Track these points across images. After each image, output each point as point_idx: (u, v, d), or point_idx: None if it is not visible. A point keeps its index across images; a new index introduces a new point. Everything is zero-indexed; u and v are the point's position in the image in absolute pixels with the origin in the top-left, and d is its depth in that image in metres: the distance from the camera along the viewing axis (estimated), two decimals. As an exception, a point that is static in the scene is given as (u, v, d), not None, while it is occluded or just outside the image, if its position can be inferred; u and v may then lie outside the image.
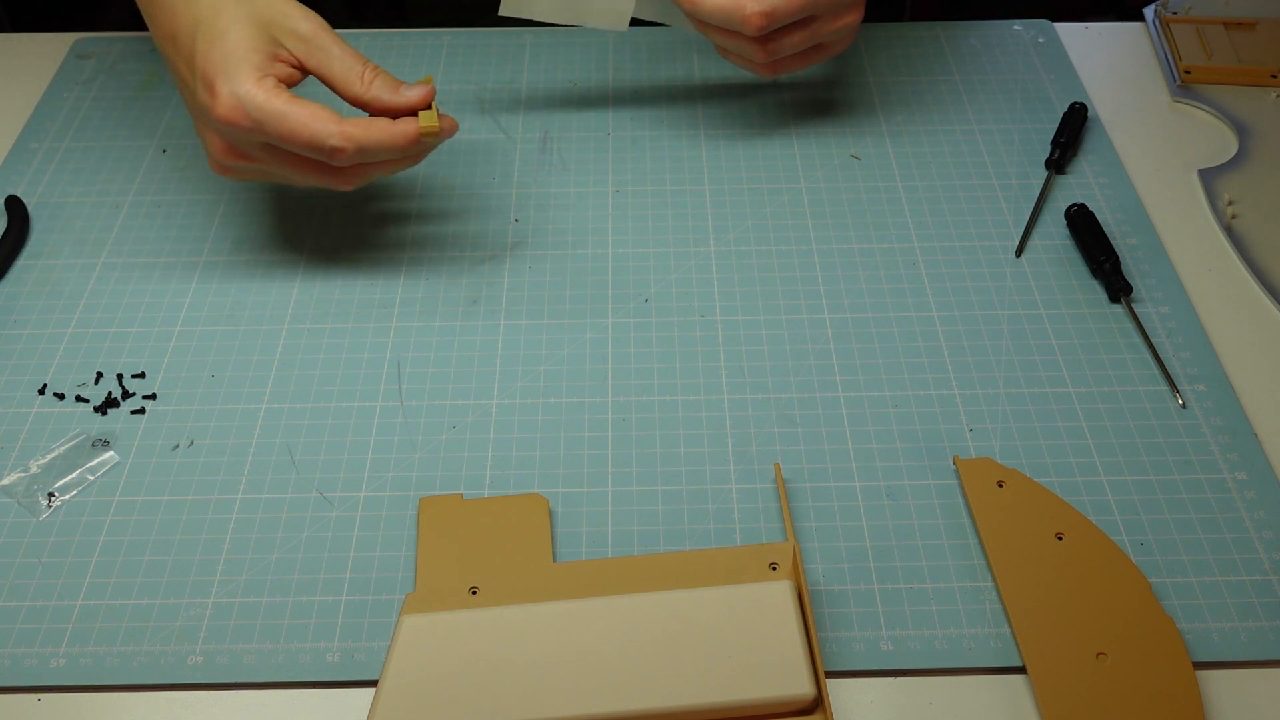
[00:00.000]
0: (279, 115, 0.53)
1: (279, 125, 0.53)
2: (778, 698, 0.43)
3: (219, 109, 0.53)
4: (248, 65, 0.53)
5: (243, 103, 0.53)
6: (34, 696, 0.47)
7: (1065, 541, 0.50)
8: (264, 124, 0.53)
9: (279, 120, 0.53)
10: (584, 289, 0.63)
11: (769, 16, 0.61)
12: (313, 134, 0.53)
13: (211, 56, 0.54)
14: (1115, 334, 0.60)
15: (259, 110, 0.53)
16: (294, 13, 0.56)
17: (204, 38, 0.54)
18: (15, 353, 0.60)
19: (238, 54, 0.54)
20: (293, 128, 0.53)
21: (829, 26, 0.64)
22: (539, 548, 0.50)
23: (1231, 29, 0.77)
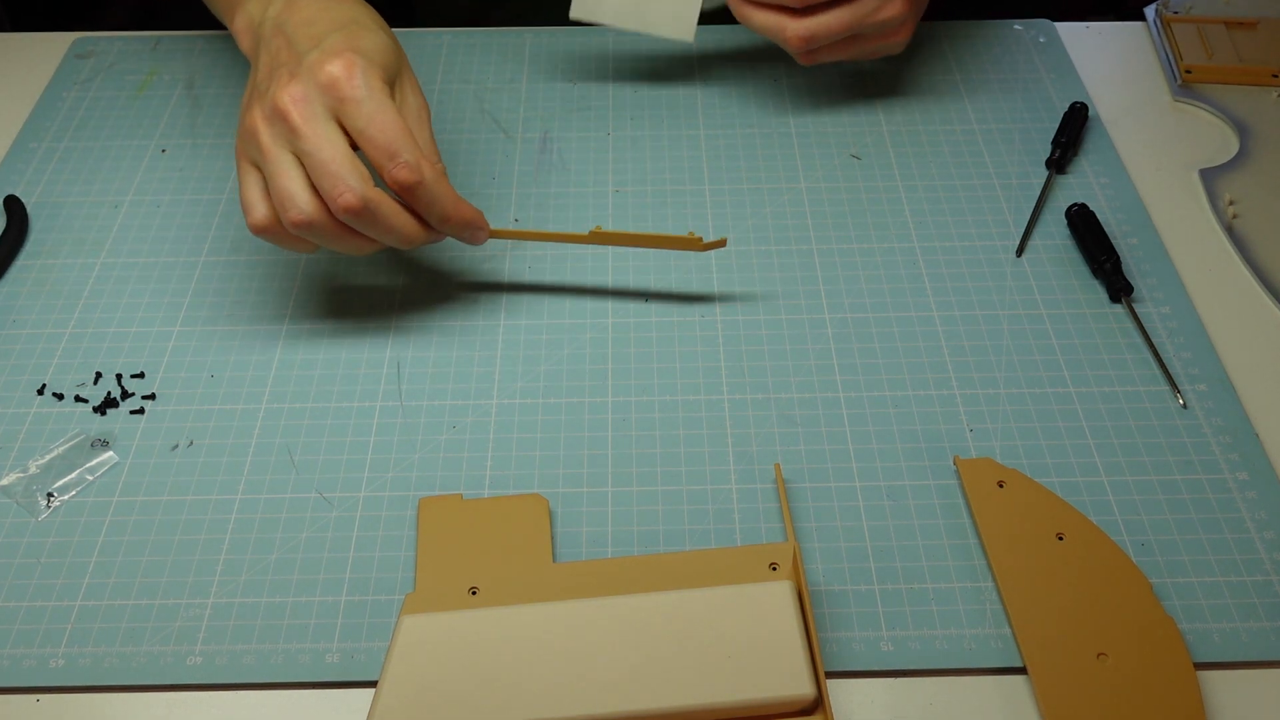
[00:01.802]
0: (383, 101, 0.52)
1: (377, 105, 0.52)
2: (778, 698, 0.43)
3: (335, 62, 0.52)
4: (380, 62, 0.53)
5: (361, 70, 0.52)
6: (33, 697, 0.47)
7: (1066, 542, 0.49)
8: (366, 98, 0.52)
9: (380, 102, 0.52)
10: (584, 289, 0.62)
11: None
12: (399, 135, 0.52)
13: (354, 32, 0.54)
14: (1116, 334, 0.59)
15: (370, 85, 0.52)
16: (413, 80, 0.57)
17: (347, 29, 0.54)
18: (14, 353, 0.59)
19: (378, 49, 0.54)
20: (386, 117, 0.52)
21: (871, 16, 0.65)
22: (539, 548, 0.50)
23: (1232, 28, 0.77)
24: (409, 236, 0.55)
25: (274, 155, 0.52)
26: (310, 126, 0.51)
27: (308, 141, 0.51)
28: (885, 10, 0.65)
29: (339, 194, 0.51)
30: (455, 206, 0.55)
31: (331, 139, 0.52)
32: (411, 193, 0.53)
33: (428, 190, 0.53)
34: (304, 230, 0.53)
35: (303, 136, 0.51)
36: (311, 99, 0.52)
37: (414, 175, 0.52)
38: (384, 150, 0.52)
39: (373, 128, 0.52)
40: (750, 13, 0.67)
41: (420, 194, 0.53)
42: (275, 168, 0.52)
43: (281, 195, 0.52)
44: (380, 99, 0.52)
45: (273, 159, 0.52)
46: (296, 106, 0.51)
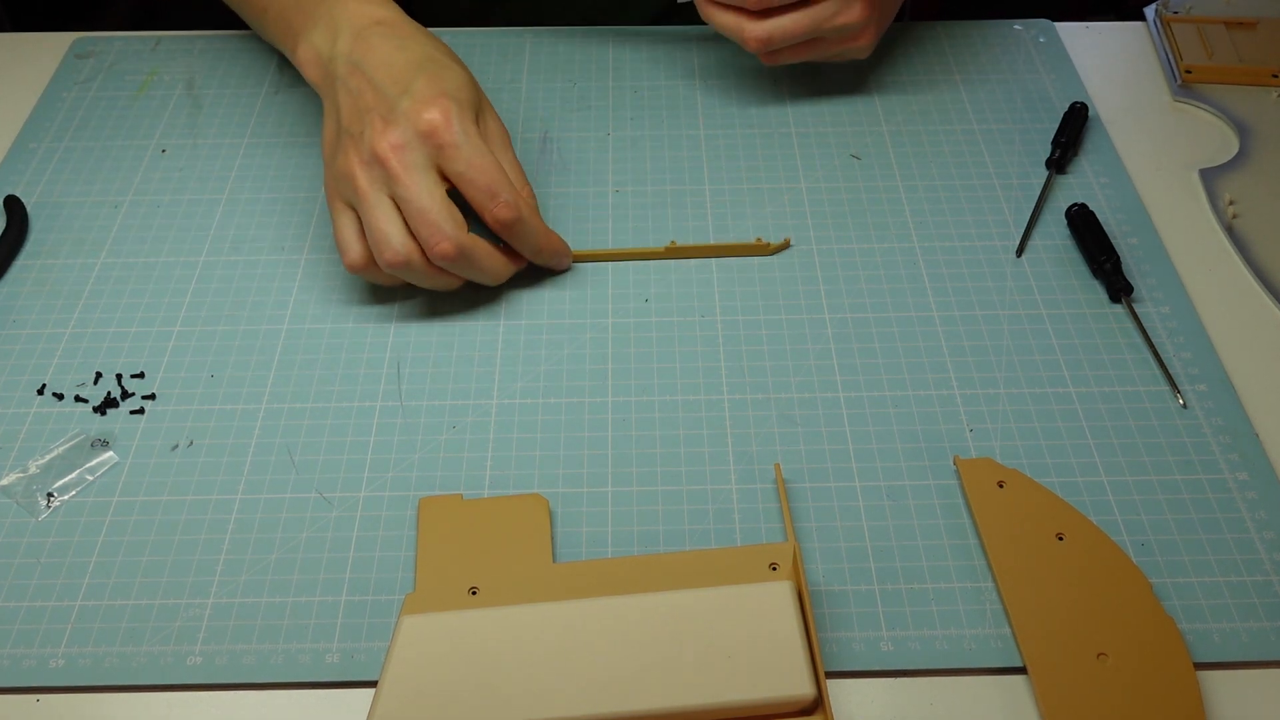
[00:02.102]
0: (478, 144, 0.56)
1: (474, 149, 0.55)
2: (778, 698, 0.43)
3: (431, 110, 0.55)
4: (467, 101, 0.57)
5: (456, 115, 0.55)
6: (33, 697, 0.47)
7: (1066, 542, 0.49)
8: (463, 142, 0.55)
9: (476, 145, 0.55)
10: (584, 289, 0.62)
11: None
12: (496, 176, 0.56)
13: (436, 74, 0.57)
14: (1116, 334, 0.59)
15: (465, 129, 0.55)
16: (491, 108, 0.60)
17: (428, 70, 0.57)
18: (14, 353, 0.59)
19: (462, 87, 0.57)
20: (484, 160, 0.55)
21: (829, 21, 0.65)
22: (539, 548, 0.50)
23: (1232, 28, 0.77)
24: (498, 274, 0.59)
25: (371, 200, 0.55)
26: (409, 175, 0.54)
27: (407, 190, 0.54)
28: (844, 15, 0.66)
29: (436, 242, 0.55)
30: (546, 238, 0.60)
31: (429, 188, 0.55)
32: (510, 229, 0.57)
33: (524, 225, 0.57)
34: (398, 270, 0.56)
35: (401, 184, 0.54)
36: (410, 146, 0.55)
37: (514, 213, 0.56)
38: (485, 191, 0.55)
39: (472, 170, 0.55)
40: (712, 12, 0.67)
41: (518, 230, 0.57)
42: (373, 212, 0.55)
43: (379, 239, 0.55)
44: (476, 142, 0.56)
45: (370, 204, 0.55)
46: (396, 154, 0.54)
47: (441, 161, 0.55)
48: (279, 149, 0.71)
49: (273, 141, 0.72)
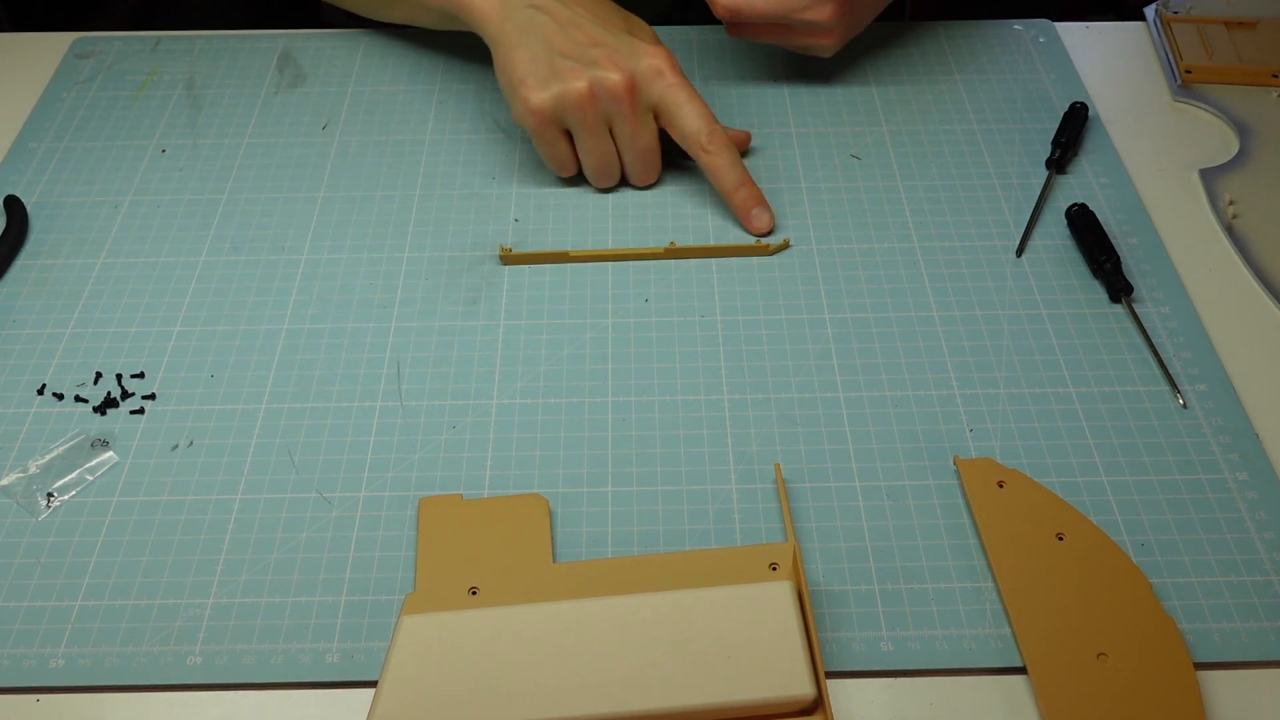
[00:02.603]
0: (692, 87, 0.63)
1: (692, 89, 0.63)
2: (778, 698, 0.43)
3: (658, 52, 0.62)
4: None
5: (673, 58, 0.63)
6: (33, 697, 0.47)
7: (1066, 542, 0.49)
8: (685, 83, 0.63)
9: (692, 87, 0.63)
10: (584, 289, 0.62)
11: None
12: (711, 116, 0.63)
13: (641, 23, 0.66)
14: (1116, 334, 0.59)
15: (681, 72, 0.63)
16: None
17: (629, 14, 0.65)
18: (14, 353, 0.59)
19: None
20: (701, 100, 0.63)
21: (799, 11, 0.67)
22: (539, 548, 0.50)
23: (1232, 28, 0.77)
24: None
25: (599, 133, 0.63)
26: (637, 111, 0.62)
27: (633, 126, 0.63)
28: (814, 11, 0.67)
29: (648, 176, 0.66)
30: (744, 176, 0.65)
31: (652, 128, 0.64)
32: (723, 152, 0.63)
33: (731, 154, 0.64)
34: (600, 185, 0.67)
35: (632, 122, 0.63)
36: (642, 87, 0.62)
37: (724, 140, 0.64)
38: (703, 119, 0.63)
39: (691, 104, 0.63)
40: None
41: (726, 157, 0.63)
42: (602, 145, 0.64)
43: (603, 169, 0.65)
44: (690, 85, 0.63)
45: (599, 136, 0.63)
46: (630, 94, 0.61)
47: (665, 97, 0.62)
48: (279, 149, 0.71)
49: (273, 141, 0.72)
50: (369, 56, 0.78)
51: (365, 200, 0.68)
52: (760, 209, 0.64)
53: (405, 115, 0.74)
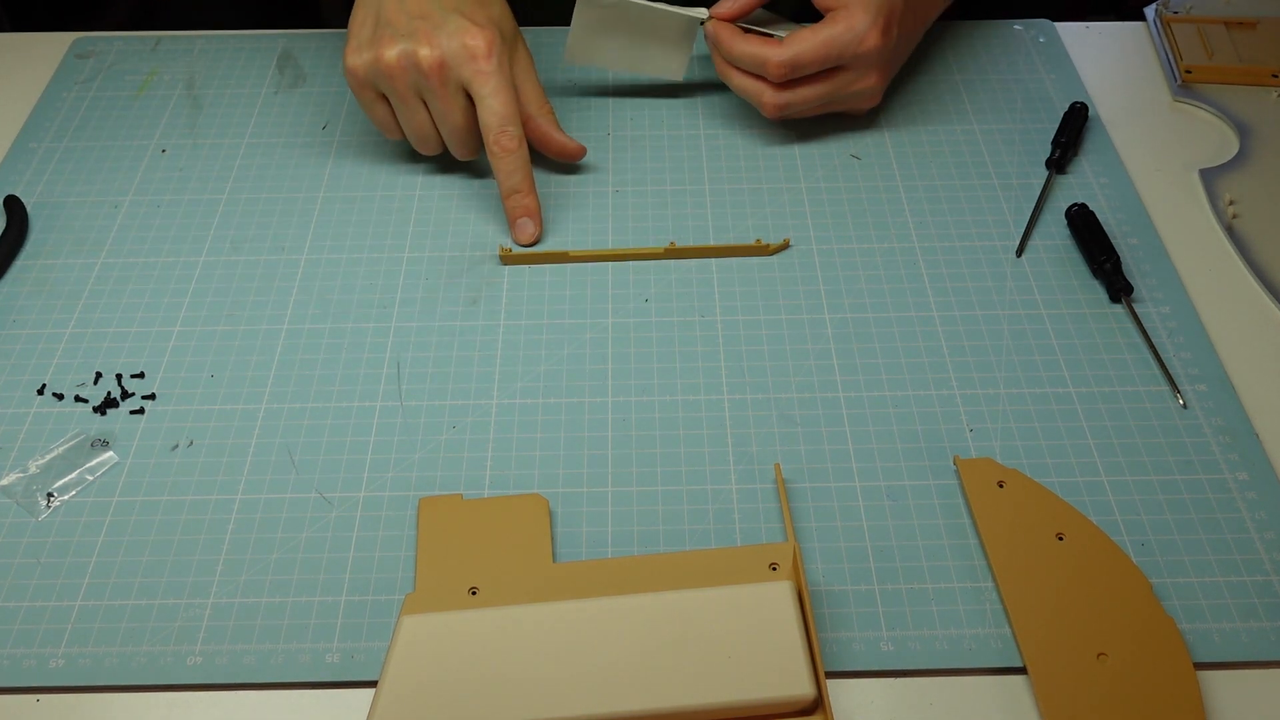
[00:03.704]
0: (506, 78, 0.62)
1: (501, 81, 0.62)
2: (778, 698, 0.43)
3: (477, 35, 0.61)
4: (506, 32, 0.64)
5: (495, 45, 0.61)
6: (33, 697, 0.47)
7: (1066, 542, 0.49)
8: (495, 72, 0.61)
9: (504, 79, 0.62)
10: (584, 289, 0.62)
11: (791, 67, 0.65)
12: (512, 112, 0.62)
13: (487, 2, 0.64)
14: (1116, 334, 0.59)
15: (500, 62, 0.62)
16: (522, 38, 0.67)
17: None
18: (14, 353, 0.59)
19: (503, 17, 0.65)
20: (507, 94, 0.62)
21: (848, 87, 0.67)
22: (539, 548, 0.50)
23: (1232, 28, 0.77)
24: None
25: (411, 104, 0.63)
26: (447, 90, 0.62)
27: (443, 104, 0.62)
28: (860, 83, 0.67)
29: (462, 152, 0.66)
30: (526, 183, 0.64)
31: (462, 106, 0.63)
32: (508, 156, 0.63)
33: (516, 159, 0.63)
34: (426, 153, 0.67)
35: (440, 99, 0.62)
36: (451, 65, 0.61)
37: (515, 142, 0.63)
38: (500, 117, 0.62)
39: (496, 99, 0.61)
40: (730, 74, 0.69)
41: (511, 161, 0.63)
42: (414, 116, 0.64)
43: (420, 138, 0.65)
44: (505, 75, 0.62)
45: (410, 107, 0.63)
46: (438, 71, 0.61)
47: (472, 82, 0.61)
48: (279, 149, 0.71)
49: (273, 141, 0.72)
50: (369, 56, 0.78)
51: (365, 200, 0.68)
52: (526, 219, 0.64)
53: (405, 115, 0.74)
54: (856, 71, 0.66)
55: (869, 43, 0.65)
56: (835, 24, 0.65)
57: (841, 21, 0.65)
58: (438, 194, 0.68)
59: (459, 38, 0.61)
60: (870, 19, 0.64)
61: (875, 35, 0.64)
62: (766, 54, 0.65)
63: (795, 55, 0.65)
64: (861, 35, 0.64)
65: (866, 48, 0.65)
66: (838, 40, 0.64)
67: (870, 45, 0.65)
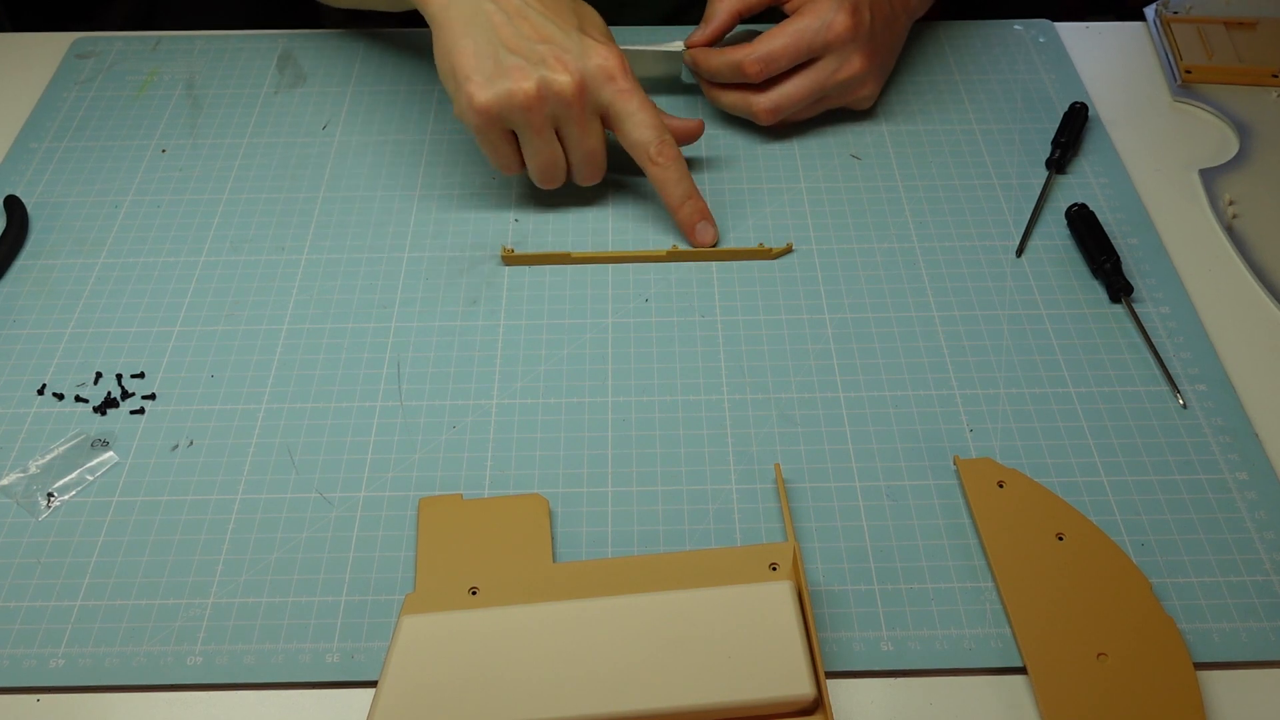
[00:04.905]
0: (644, 93, 0.61)
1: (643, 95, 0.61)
2: (778, 698, 0.43)
3: (608, 53, 0.60)
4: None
5: (624, 59, 0.60)
6: (33, 697, 0.47)
7: (1066, 542, 0.49)
8: (635, 88, 0.61)
9: (643, 94, 0.61)
10: (584, 289, 0.62)
11: (764, 62, 0.66)
12: (661, 125, 0.61)
13: (593, 15, 0.64)
14: (1116, 334, 0.59)
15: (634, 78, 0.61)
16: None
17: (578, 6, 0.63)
18: (14, 353, 0.59)
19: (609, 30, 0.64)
20: (651, 107, 0.61)
21: (833, 77, 0.67)
22: (539, 548, 0.50)
23: (1232, 28, 0.77)
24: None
25: (546, 135, 0.60)
26: (585, 115, 0.60)
27: (580, 129, 0.61)
28: (845, 70, 0.67)
29: (593, 178, 0.64)
30: (691, 189, 0.63)
31: (598, 131, 0.62)
32: (672, 165, 0.62)
33: (680, 167, 0.62)
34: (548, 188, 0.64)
35: (579, 125, 0.60)
36: (591, 88, 0.59)
37: (675, 151, 0.62)
38: (654, 129, 0.61)
39: (643, 112, 0.61)
40: (719, 95, 0.70)
41: (675, 170, 0.62)
42: (548, 148, 0.61)
43: (549, 171, 0.62)
44: (640, 88, 0.61)
45: (546, 138, 0.61)
46: (579, 96, 0.59)
47: (614, 103, 0.60)
48: (279, 149, 0.71)
49: (273, 141, 0.72)
50: (369, 56, 0.78)
51: (365, 200, 0.68)
52: (705, 223, 0.64)
53: (405, 115, 0.74)
54: (836, 58, 0.67)
55: (837, 27, 0.65)
56: (803, 16, 0.66)
57: (808, 13, 0.66)
58: (438, 194, 0.68)
59: (591, 59, 0.59)
60: (836, 4, 0.65)
61: (844, 19, 0.65)
62: (739, 56, 0.67)
63: (767, 50, 0.66)
64: (829, 21, 0.65)
65: (836, 32, 0.65)
66: (807, 29, 0.65)
67: (840, 29, 0.65)
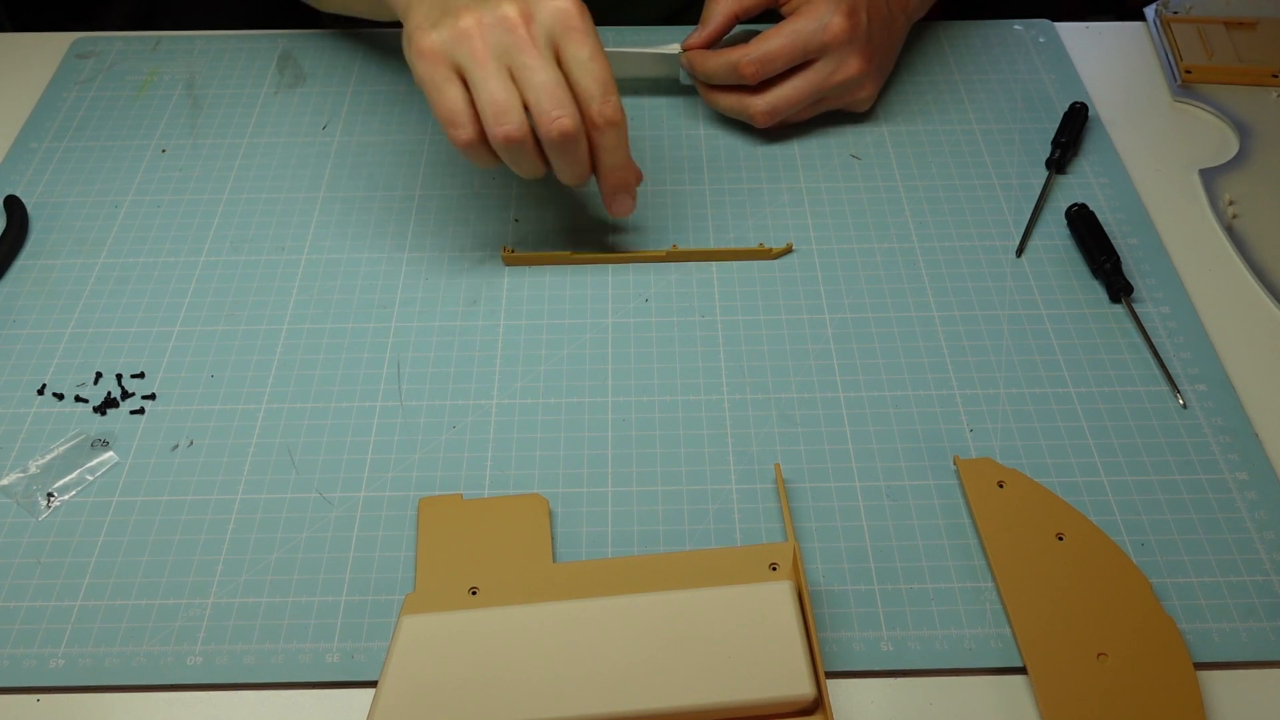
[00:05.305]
0: (599, 41, 0.54)
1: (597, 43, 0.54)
2: (778, 698, 0.43)
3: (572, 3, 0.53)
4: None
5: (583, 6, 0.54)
6: (33, 697, 0.47)
7: (1066, 542, 0.49)
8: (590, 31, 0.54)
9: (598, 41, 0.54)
10: (584, 289, 0.62)
11: (760, 63, 0.66)
12: (611, 75, 0.54)
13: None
14: (1116, 334, 0.59)
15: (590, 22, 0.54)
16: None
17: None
18: (14, 353, 0.59)
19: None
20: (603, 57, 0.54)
21: (831, 78, 0.67)
22: (539, 548, 0.50)
23: (1232, 28, 0.77)
24: (586, 173, 0.57)
25: (492, 68, 0.53)
26: (537, 45, 0.53)
27: (533, 59, 0.53)
28: (841, 72, 0.67)
29: (557, 117, 0.53)
30: (628, 157, 0.57)
31: (553, 63, 0.53)
32: (612, 129, 0.55)
33: (621, 132, 0.55)
34: (512, 147, 0.54)
35: (528, 53, 0.53)
36: (540, 20, 0.53)
37: (620, 114, 0.55)
38: (601, 84, 0.54)
39: (594, 62, 0.53)
40: (716, 97, 0.70)
41: (615, 135, 0.55)
42: (494, 81, 0.53)
43: (499, 109, 0.53)
44: (598, 38, 0.54)
45: (490, 71, 0.53)
46: (526, 24, 0.53)
47: (566, 44, 0.54)
48: (279, 149, 0.71)
49: (273, 141, 0.72)
50: (369, 56, 0.78)
51: (365, 200, 0.68)
52: (625, 195, 0.59)
53: (405, 115, 0.74)
54: (834, 60, 0.67)
55: (834, 28, 0.65)
56: (800, 17, 0.66)
57: (805, 14, 0.66)
58: (438, 194, 0.68)
59: (545, 4, 0.54)
60: (833, 6, 0.65)
61: (840, 20, 0.65)
62: (735, 57, 0.66)
63: (763, 51, 0.65)
64: (826, 22, 0.65)
65: (833, 33, 0.65)
66: (803, 30, 0.65)
67: (837, 30, 0.65)
